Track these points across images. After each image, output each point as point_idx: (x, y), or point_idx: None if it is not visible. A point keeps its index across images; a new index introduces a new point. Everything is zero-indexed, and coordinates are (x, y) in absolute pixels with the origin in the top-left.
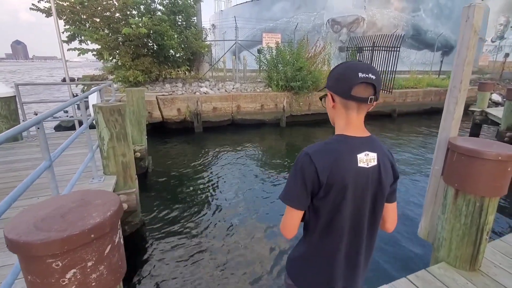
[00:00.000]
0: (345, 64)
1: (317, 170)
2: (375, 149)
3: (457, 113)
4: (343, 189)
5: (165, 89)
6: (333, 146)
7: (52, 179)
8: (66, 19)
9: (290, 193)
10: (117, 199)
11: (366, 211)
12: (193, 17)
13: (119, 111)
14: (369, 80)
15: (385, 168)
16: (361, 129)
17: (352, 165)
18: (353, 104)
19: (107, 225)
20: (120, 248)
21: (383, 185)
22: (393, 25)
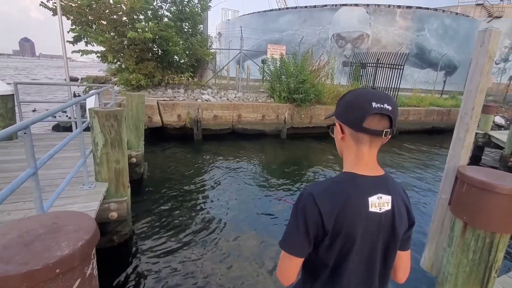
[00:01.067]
0: (358, 91)
1: (322, 214)
2: (389, 191)
3: (467, 140)
4: (351, 237)
5: (167, 94)
6: (341, 186)
7: (36, 189)
8: (73, 19)
9: (291, 238)
10: (93, 225)
11: (376, 261)
12: (200, 24)
13: (116, 116)
14: (384, 111)
15: (400, 213)
16: (374, 166)
17: (363, 210)
18: (365, 137)
19: (76, 258)
20: (92, 281)
21: (396, 233)
22: (398, 43)
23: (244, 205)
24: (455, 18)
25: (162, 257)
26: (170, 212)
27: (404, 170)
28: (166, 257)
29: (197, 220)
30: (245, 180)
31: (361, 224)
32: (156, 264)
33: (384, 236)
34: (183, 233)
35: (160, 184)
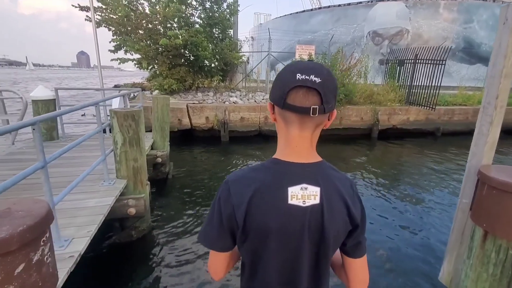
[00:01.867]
0: (288, 64)
1: (234, 206)
2: (318, 182)
3: (491, 135)
4: (263, 233)
5: (197, 98)
6: (257, 173)
7: (46, 181)
8: (114, 30)
9: (206, 231)
10: (43, 212)
11: (303, 265)
12: (229, 29)
13: (133, 116)
14: (309, 83)
15: (332, 210)
16: (306, 152)
17: (278, 202)
18: (292, 116)
19: (13, 242)
20: (42, 268)
21: (325, 233)
22: (442, 37)
23: None
24: None
25: (178, 254)
26: (191, 212)
27: (443, 175)
28: (181, 255)
29: None
30: None
31: (276, 218)
32: (171, 260)
33: (312, 236)
34: None
35: (184, 184)
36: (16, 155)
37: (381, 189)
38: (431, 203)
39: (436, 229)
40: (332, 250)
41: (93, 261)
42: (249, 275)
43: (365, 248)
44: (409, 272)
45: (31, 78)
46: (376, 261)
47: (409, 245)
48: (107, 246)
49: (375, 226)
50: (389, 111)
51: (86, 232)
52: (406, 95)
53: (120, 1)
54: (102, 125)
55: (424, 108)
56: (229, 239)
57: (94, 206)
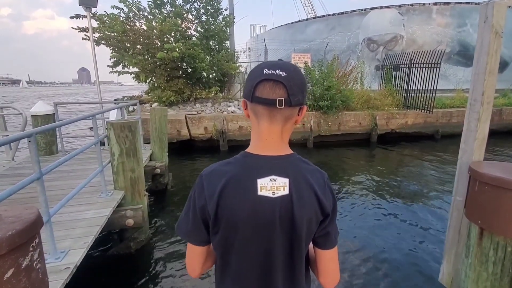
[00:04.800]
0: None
1: (206, 197)
2: (288, 173)
3: (480, 132)
4: (233, 224)
5: (195, 109)
6: (228, 166)
7: (41, 193)
8: (113, 46)
9: (182, 223)
10: (32, 218)
11: (275, 256)
12: (226, 40)
13: (130, 127)
14: (275, 77)
15: (301, 200)
16: (275, 145)
17: (248, 193)
18: (261, 109)
19: (2, 246)
20: (31, 273)
21: (296, 223)
22: (436, 42)
23: None
24: None
25: (177, 265)
26: None
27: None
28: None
29: None
30: None
31: (246, 208)
32: (170, 272)
33: (284, 227)
34: None
35: (184, 194)
36: (16, 170)
37: (381, 193)
38: (433, 206)
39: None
40: (306, 241)
41: (92, 273)
42: (222, 267)
43: (335, 240)
44: (409, 274)
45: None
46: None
47: (408, 247)
48: (106, 258)
49: (375, 230)
50: (387, 115)
51: (82, 243)
52: (403, 99)
53: (117, 19)
54: (99, 137)
55: (421, 112)
56: (204, 231)
57: (91, 218)
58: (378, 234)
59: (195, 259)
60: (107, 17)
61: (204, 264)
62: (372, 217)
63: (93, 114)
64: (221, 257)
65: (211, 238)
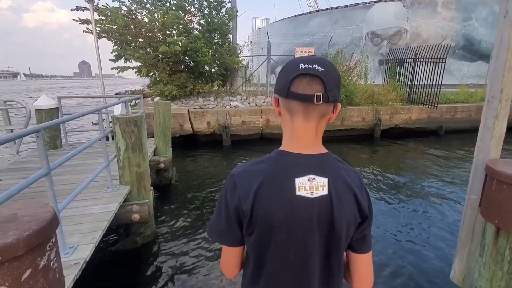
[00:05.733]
0: (292, 58)
1: (240, 197)
2: (325, 173)
3: (498, 129)
4: (269, 225)
5: (198, 103)
6: (262, 165)
7: (50, 188)
8: (115, 40)
9: (215, 225)
10: (48, 217)
11: (313, 259)
12: (228, 34)
13: (135, 122)
14: (312, 71)
15: (341, 200)
16: (310, 143)
17: (286, 193)
18: (296, 105)
19: (20, 247)
20: (49, 273)
21: (336, 225)
22: (441, 36)
23: None
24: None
25: (184, 260)
26: (195, 217)
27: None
28: (187, 260)
29: None
30: None
31: (283, 209)
32: (177, 266)
33: (322, 228)
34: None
35: (188, 189)
36: (21, 164)
37: (386, 189)
38: (438, 202)
39: (444, 227)
40: (344, 243)
41: (99, 268)
42: (255, 269)
43: (370, 244)
44: (419, 272)
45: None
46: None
47: (417, 244)
48: (112, 253)
49: (382, 227)
50: (391, 110)
51: (91, 238)
52: (407, 94)
53: (118, 12)
54: (105, 131)
55: (426, 107)
56: (238, 232)
57: (99, 213)
58: (385, 231)
59: (231, 261)
60: (109, 10)
61: (240, 265)
62: (378, 214)
63: (99, 108)
64: (255, 258)
65: (245, 239)
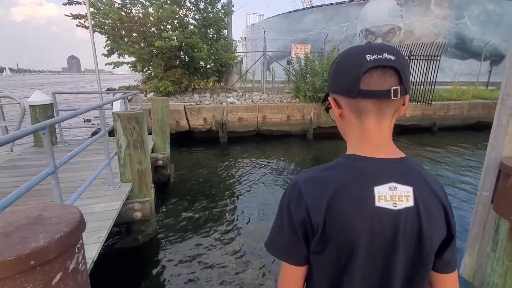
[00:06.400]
0: (347, 49)
1: (308, 209)
2: (409, 181)
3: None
4: (348, 242)
5: (194, 99)
6: (333, 172)
7: (56, 186)
8: (108, 34)
9: (276, 240)
10: (76, 218)
11: (394, 282)
12: (224, 29)
13: (137, 119)
14: (384, 62)
15: (430, 214)
16: (386, 146)
17: (364, 204)
18: (368, 104)
19: (52, 250)
20: (77, 276)
21: (424, 242)
22: (434, 34)
23: (271, 208)
24: (499, 3)
25: (186, 257)
26: (195, 214)
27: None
28: (189, 258)
29: (222, 223)
30: (272, 182)
31: (362, 223)
32: (179, 264)
33: (407, 246)
34: (208, 235)
35: (186, 186)
36: (17, 161)
37: None
38: None
39: None
40: (431, 263)
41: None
42: None
43: (456, 262)
44: None
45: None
46: None
47: None
48: (114, 251)
49: None
50: None
51: (97, 238)
52: None
53: (112, 5)
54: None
55: (420, 104)
56: (304, 248)
57: (102, 211)
58: None
59: (293, 281)
60: (102, 4)
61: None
62: None
63: (100, 105)
64: (327, 279)
65: (312, 257)
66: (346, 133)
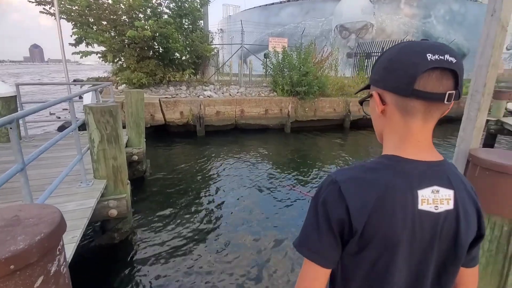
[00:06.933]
0: (401, 44)
1: (349, 210)
2: (451, 184)
3: (479, 121)
4: (390, 245)
5: (169, 92)
6: (377, 174)
7: (25, 184)
8: (75, 22)
9: (309, 240)
10: (56, 218)
11: (427, 277)
12: (200, 20)
13: (111, 112)
14: (446, 64)
15: (467, 217)
16: (428, 148)
17: (409, 207)
18: (417, 105)
19: (33, 253)
20: (59, 279)
21: (460, 244)
22: (403, 32)
23: (249, 201)
24: (463, 3)
25: (164, 254)
26: (173, 210)
27: None
28: (167, 255)
29: (200, 217)
30: (250, 176)
31: (407, 227)
32: (157, 262)
33: (441, 246)
34: (186, 230)
35: (163, 181)
36: None
37: None
38: None
39: None
40: (461, 263)
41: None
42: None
43: (479, 256)
44: None
45: None
46: None
47: None
48: (89, 250)
49: None
50: None
51: (71, 238)
52: None
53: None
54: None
55: None
56: (337, 249)
57: (75, 210)
58: None
59: (318, 284)
60: None
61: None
62: None
63: (70, 97)
64: (363, 278)
65: (346, 256)
66: (385, 131)
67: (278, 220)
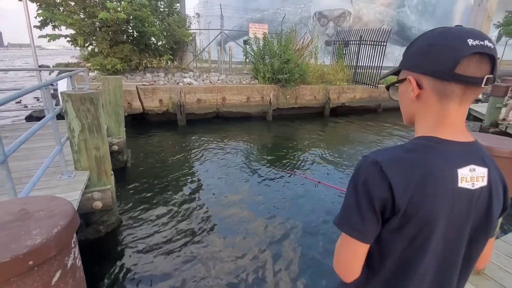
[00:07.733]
0: (436, 30)
1: (393, 189)
2: (485, 162)
3: None
4: (430, 222)
5: (146, 79)
6: (418, 155)
7: (8, 178)
8: (39, 3)
9: (351, 217)
10: (70, 210)
11: (460, 254)
12: (176, 3)
13: (91, 99)
14: (486, 50)
15: (498, 191)
16: (462, 130)
17: (450, 186)
18: (456, 89)
19: (51, 247)
20: (76, 272)
21: (491, 217)
22: (379, 20)
23: (233, 189)
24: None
25: (151, 246)
26: (157, 200)
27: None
28: (154, 247)
29: (185, 207)
30: (233, 164)
31: (447, 204)
32: (144, 254)
33: (474, 221)
34: (172, 221)
35: (145, 171)
36: None
37: (333, 160)
38: None
39: None
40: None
41: None
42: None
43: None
44: None
45: None
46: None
47: None
48: None
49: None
50: (339, 90)
51: None
52: (353, 74)
53: None
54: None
55: (368, 87)
56: (378, 226)
57: None
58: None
59: (357, 259)
60: None
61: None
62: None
63: (45, 84)
64: (401, 253)
65: (385, 232)
66: (419, 115)
67: (265, 204)
